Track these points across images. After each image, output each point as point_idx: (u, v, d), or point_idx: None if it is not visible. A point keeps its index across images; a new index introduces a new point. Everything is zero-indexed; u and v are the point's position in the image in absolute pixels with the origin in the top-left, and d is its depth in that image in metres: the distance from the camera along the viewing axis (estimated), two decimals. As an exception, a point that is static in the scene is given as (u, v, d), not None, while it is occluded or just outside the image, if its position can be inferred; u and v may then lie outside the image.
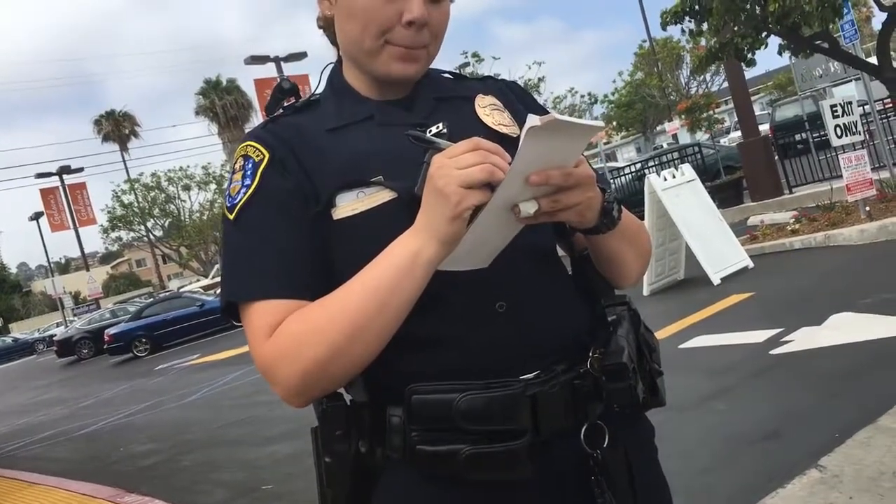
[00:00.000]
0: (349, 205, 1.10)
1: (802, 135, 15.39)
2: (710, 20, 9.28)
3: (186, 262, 44.42)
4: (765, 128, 19.94)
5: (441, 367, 1.07)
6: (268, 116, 1.23)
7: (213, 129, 46.55)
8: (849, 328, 5.19)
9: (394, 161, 1.11)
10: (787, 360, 4.93)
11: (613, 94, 37.82)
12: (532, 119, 0.92)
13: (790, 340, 5.28)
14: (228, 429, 7.68)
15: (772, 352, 5.17)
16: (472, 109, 1.23)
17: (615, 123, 40.57)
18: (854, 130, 8.63)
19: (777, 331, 5.56)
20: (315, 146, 1.14)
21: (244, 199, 1.11)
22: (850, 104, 8.76)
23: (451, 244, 0.99)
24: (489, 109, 1.23)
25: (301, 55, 23.83)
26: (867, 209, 8.56)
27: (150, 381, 14.15)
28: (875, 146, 11.47)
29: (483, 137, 1.12)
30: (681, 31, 10.11)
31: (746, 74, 13.77)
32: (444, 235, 0.98)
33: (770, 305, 6.64)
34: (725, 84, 18.33)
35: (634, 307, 1.22)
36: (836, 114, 8.56)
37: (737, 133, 22.13)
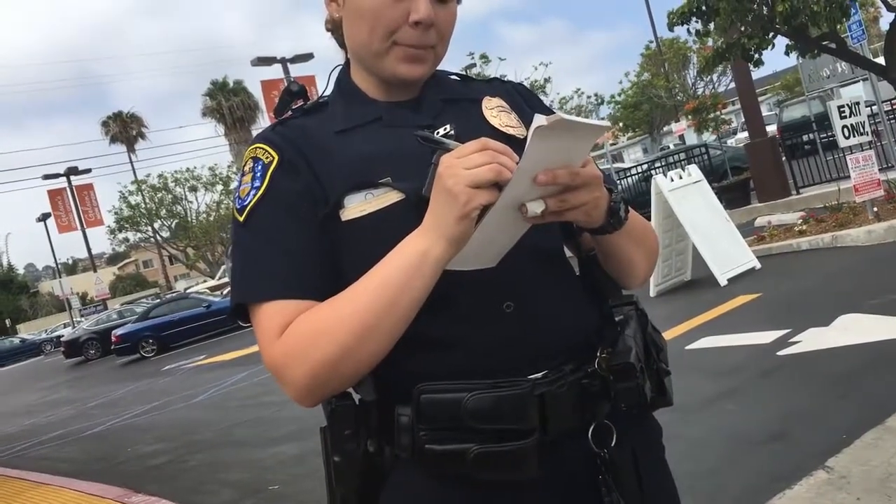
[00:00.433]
0: (358, 206, 1.10)
1: (810, 135, 15.35)
2: (717, 20, 9.26)
3: (193, 263, 44.51)
4: (772, 128, 19.91)
5: (449, 367, 1.08)
6: (276, 119, 1.24)
7: (220, 131, 46.73)
8: (857, 329, 5.18)
9: (402, 162, 1.12)
10: (795, 361, 4.92)
11: (620, 95, 37.72)
12: (539, 119, 0.93)
13: (798, 341, 5.27)
14: (235, 429, 7.70)
15: (779, 353, 5.16)
16: (480, 111, 1.23)
17: (621, 124, 40.43)
18: (862, 131, 8.60)
19: (784, 332, 5.55)
20: (323, 148, 1.15)
21: (254, 201, 1.12)
22: (858, 105, 8.73)
23: (460, 244, 1.00)
24: (496, 111, 1.24)
25: (308, 56, 23.87)
26: (875, 210, 8.54)
27: (158, 382, 14.19)
28: (883, 147, 11.44)
29: (491, 136, 1.13)
30: (687, 32, 10.09)
31: (753, 75, 13.74)
32: (453, 235, 0.99)
33: (777, 306, 6.63)
34: (732, 85, 18.30)
35: (642, 307, 1.22)
36: (844, 114, 8.54)
37: (744, 134, 22.08)
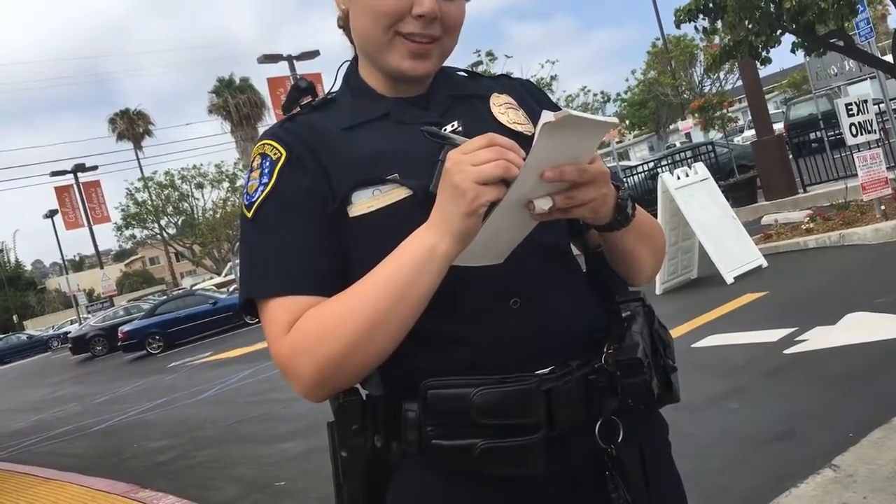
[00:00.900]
0: (365, 202, 1.11)
1: (817, 133, 15.30)
2: (725, 18, 9.23)
3: (199, 260, 44.61)
4: (779, 126, 19.84)
5: (456, 363, 1.08)
6: (285, 115, 1.24)
7: (226, 128, 46.74)
8: (863, 328, 5.16)
9: (409, 159, 1.12)
10: (801, 360, 4.91)
11: (626, 93, 37.73)
12: (546, 115, 0.93)
13: (804, 340, 5.26)
14: (241, 426, 7.72)
15: (786, 351, 5.15)
16: (488, 108, 1.23)
17: (628, 122, 40.42)
18: (869, 129, 8.58)
19: (791, 330, 5.54)
20: (331, 144, 1.15)
21: (262, 197, 1.13)
22: (866, 102, 8.71)
23: (466, 239, 1.00)
24: (504, 108, 1.24)
25: (314, 54, 23.88)
26: (882, 208, 8.51)
27: (164, 379, 14.23)
28: (890, 144, 11.40)
29: (499, 133, 1.13)
30: (694, 29, 10.07)
31: (760, 73, 13.71)
32: (460, 231, 0.99)
33: (784, 305, 6.62)
34: (739, 82, 18.26)
35: (649, 303, 1.22)
36: (852, 112, 8.51)
37: (750, 132, 22.00)
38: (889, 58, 10.11)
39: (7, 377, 29.50)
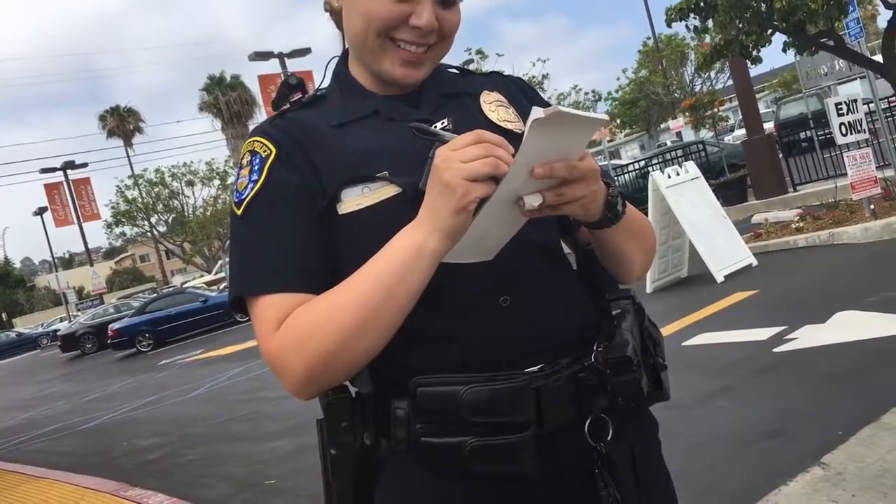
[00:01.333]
0: (354, 200, 1.10)
1: (807, 133, 15.35)
2: (716, 17, 9.25)
3: (190, 258, 44.49)
4: (769, 125, 19.89)
5: (446, 361, 1.08)
6: (275, 112, 1.24)
7: (217, 125, 46.56)
8: (853, 326, 5.19)
9: (399, 156, 1.12)
10: (791, 358, 4.93)
11: (617, 92, 37.80)
12: (536, 111, 0.93)
13: (794, 338, 5.28)
14: (232, 424, 7.70)
15: (775, 349, 5.17)
16: (478, 105, 1.23)
17: (619, 121, 40.50)
18: (859, 128, 8.61)
19: (781, 329, 5.56)
20: (321, 141, 1.15)
21: (251, 194, 1.12)
22: (856, 102, 8.74)
23: (456, 236, 1.00)
24: (494, 105, 1.24)
25: (305, 51, 23.82)
26: (872, 207, 8.54)
27: (154, 376, 14.18)
28: (880, 144, 11.45)
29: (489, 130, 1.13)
30: (686, 28, 10.09)
31: (751, 72, 13.74)
32: (449, 227, 0.99)
33: (774, 303, 6.64)
34: (730, 82, 18.31)
35: (639, 301, 1.22)
36: (842, 112, 8.55)
37: (741, 131, 22.08)
38: (879, 57, 10.15)
39: (-4, 375, 29.34)
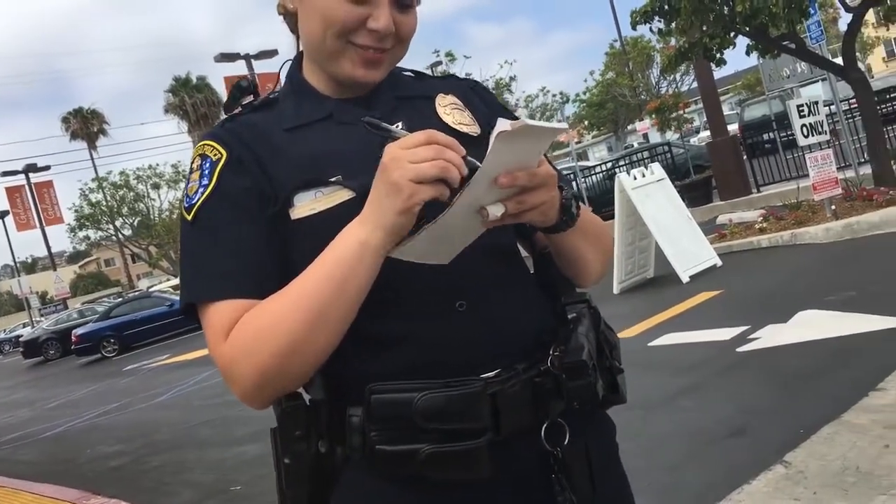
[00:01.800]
0: (307, 204, 1.09)
1: (770, 134, 15.57)
2: (679, 20, 9.36)
3: (156, 262, 43.98)
4: (734, 127, 20.14)
5: (401, 366, 1.07)
6: (226, 115, 1.22)
7: (183, 127, 46.06)
8: (814, 325, 5.26)
9: (352, 160, 1.11)
10: (754, 358, 4.99)
11: (585, 94, 38.01)
12: (503, 123, 0.93)
13: (757, 338, 5.34)
14: (198, 429, 7.62)
15: (739, 349, 5.23)
16: (433, 108, 1.22)
17: (587, 123, 40.76)
18: (820, 130, 8.75)
19: (744, 328, 5.62)
20: (273, 145, 1.13)
21: (202, 199, 1.10)
22: (817, 104, 8.88)
23: (398, 235, 1.00)
24: (450, 108, 1.23)
25: (272, 53, 23.62)
26: (833, 208, 8.68)
27: (119, 382, 13.99)
28: (841, 145, 11.64)
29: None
30: (650, 31, 10.19)
31: (716, 74, 13.91)
32: (391, 226, 0.98)
33: (737, 303, 6.72)
34: (695, 84, 18.54)
35: (595, 305, 1.22)
36: (803, 113, 8.67)
37: (706, 132, 22.35)
38: (840, 60, 10.32)
39: (-44, 382, 28.76)
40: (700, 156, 16.82)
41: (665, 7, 9.40)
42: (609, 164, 18.14)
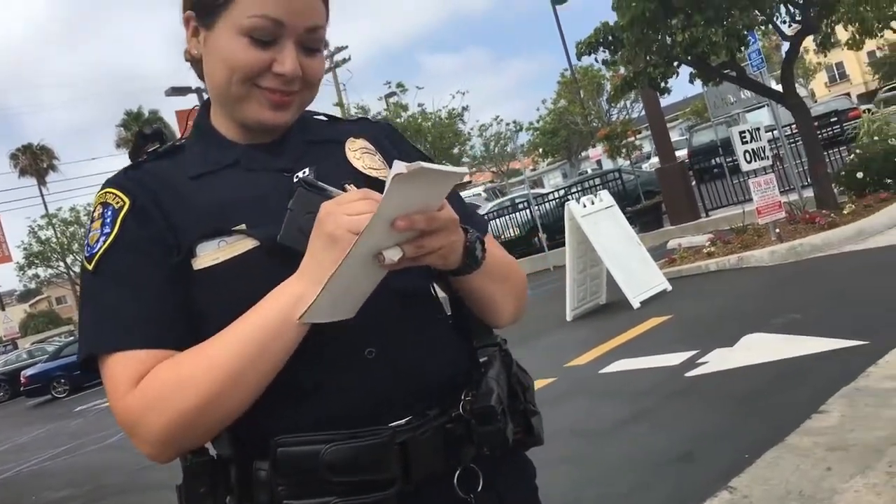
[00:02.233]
0: (210, 254, 1.07)
1: (717, 159, 15.89)
2: (623, 51, 9.54)
3: (109, 299, 43.10)
4: (683, 153, 20.51)
5: (309, 418, 1.05)
6: (131, 162, 1.20)
7: (136, 162, 45.51)
8: (759, 348, 5.34)
9: (258, 208, 1.10)
10: (702, 382, 5.04)
11: (538, 122, 38.42)
12: (398, 166, 0.92)
13: (705, 362, 5.40)
14: (147, 472, 7.42)
15: (687, 374, 5.27)
16: (343, 152, 1.22)
17: (541, 150, 41.15)
18: (762, 156, 8.94)
19: (693, 353, 5.68)
20: (177, 193, 1.12)
21: (104, 248, 1.08)
22: (759, 130, 9.08)
23: None
24: (360, 153, 1.23)
25: (223, 86, 23.48)
26: (777, 231, 8.86)
27: (69, 424, 13.64)
28: (784, 169, 11.91)
29: (353, 181, 1.12)
30: (595, 61, 10.37)
31: (664, 101, 14.21)
32: None
33: (686, 328, 6.79)
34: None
35: (507, 347, 1.22)
36: (745, 140, 8.87)
37: (657, 158, 22.75)
38: (780, 87, 10.59)
39: None
40: (650, 182, 17.09)
41: (609, 38, 9.59)
42: (562, 192, 18.32)
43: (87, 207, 40.52)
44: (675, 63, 9.62)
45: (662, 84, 9.97)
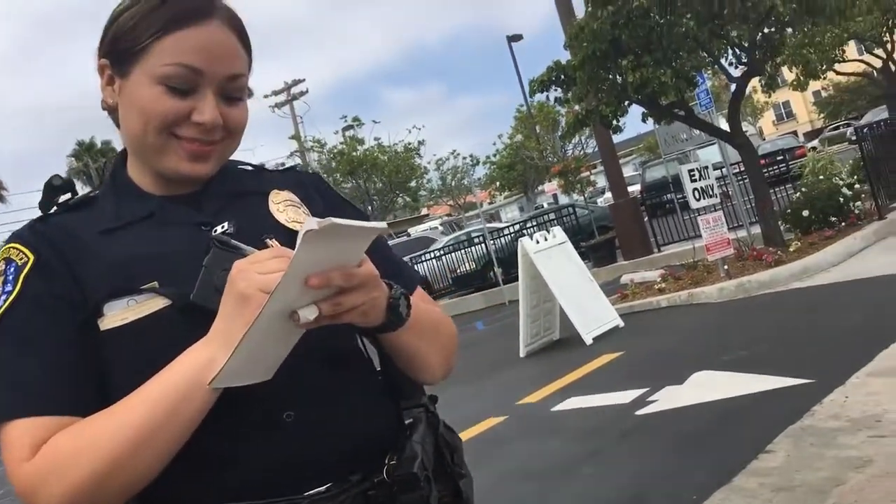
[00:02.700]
0: (118, 314, 1.02)
1: (669, 195, 16.14)
2: (575, 89, 9.68)
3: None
4: (637, 188, 20.80)
5: (221, 487, 1.00)
6: (41, 214, 1.15)
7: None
8: (708, 386, 5.36)
9: (172, 264, 1.05)
10: (651, 421, 5.03)
11: (495, 156, 38.76)
12: (310, 222, 0.88)
13: (655, 400, 5.41)
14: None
15: (637, 412, 5.27)
16: (266, 205, 1.18)
17: (498, 184, 41.47)
18: (710, 193, 9.09)
19: (643, 391, 5.68)
20: (86, 248, 1.07)
21: (4, 307, 1.02)
22: (707, 168, 9.24)
23: None
24: (283, 205, 1.19)
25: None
26: (726, 268, 8.98)
27: None
28: (733, 206, 12.13)
29: (275, 235, 1.08)
30: (546, 99, 10.49)
31: (618, 137, 14.38)
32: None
33: (638, 365, 6.81)
34: (598, 147, 19.11)
35: (433, 408, 1.18)
36: (694, 178, 9.01)
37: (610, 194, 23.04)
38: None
39: None
40: (605, 216, 17.27)
41: (561, 77, 9.72)
42: (517, 226, 18.43)
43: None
44: (626, 102, 9.78)
45: (614, 122, 10.12)
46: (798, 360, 5.29)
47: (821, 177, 10.22)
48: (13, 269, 1.04)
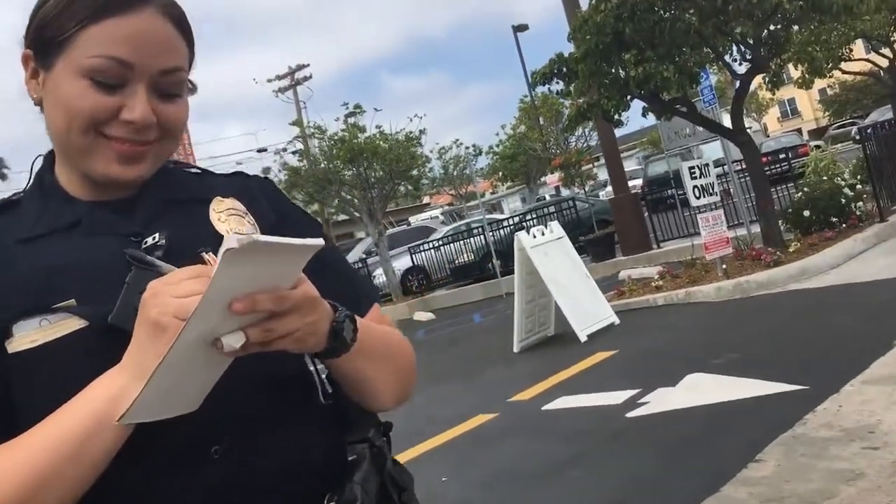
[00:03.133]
0: (28, 335, 0.92)
1: (670, 191, 16.02)
2: (577, 83, 9.55)
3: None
4: (639, 182, 20.65)
5: None
6: None
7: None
8: (700, 390, 5.27)
9: (94, 280, 0.95)
10: (641, 424, 4.95)
11: (498, 146, 38.54)
12: (230, 240, 0.78)
13: (646, 402, 5.32)
14: None
15: (628, 414, 5.19)
16: (206, 214, 1.08)
17: (501, 174, 41.30)
18: (711, 191, 8.97)
19: (635, 392, 5.60)
20: (0, 259, 0.97)
21: None
22: (707, 166, 9.12)
23: None
24: (226, 215, 1.09)
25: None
26: (724, 267, 8.88)
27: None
28: (733, 204, 12.02)
29: (214, 247, 0.98)
30: (548, 91, 10.37)
31: (621, 131, 14.28)
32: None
33: (631, 364, 6.73)
34: (600, 140, 18.96)
35: (380, 443, 1.08)
36: (695, 175, 8.89)
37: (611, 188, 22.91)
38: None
39: None
40: (604, 211, 17.15)
41: (563, 69, 9.59)
42: (517, 218, 18.32)
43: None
44: (628, 97, 9.65)
45: (616, 116, 9.99)
46: (792, 366, 5.20)
47: (823, 177, 10.11)
48: None
